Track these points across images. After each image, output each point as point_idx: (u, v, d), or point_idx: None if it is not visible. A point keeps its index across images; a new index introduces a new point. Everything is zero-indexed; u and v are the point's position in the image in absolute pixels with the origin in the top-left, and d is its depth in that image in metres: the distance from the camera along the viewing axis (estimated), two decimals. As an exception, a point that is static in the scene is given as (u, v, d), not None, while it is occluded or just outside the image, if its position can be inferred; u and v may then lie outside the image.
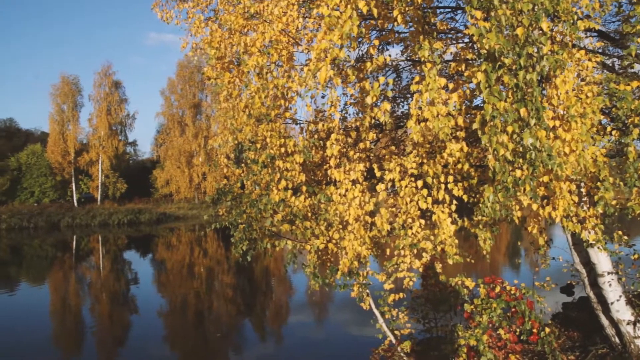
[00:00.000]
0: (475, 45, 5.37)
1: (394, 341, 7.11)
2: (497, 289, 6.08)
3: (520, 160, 4.41)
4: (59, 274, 23.34)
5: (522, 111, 4.17)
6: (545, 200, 5.40)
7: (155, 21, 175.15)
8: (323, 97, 6.00)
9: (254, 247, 6.44)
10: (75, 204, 58.14)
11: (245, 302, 17.18)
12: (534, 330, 5.86)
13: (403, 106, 8.65)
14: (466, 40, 6.56)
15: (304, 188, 5.89)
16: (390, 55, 5.23)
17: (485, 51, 4.00)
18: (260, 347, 12.01)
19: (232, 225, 6.37)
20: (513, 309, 5.98)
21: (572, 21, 4.39)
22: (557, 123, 4.81)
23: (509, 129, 4.23)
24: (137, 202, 59.93)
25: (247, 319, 14.85)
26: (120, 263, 27.01)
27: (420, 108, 4.71)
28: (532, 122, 4.18)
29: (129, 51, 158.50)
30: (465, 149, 5.02)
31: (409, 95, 8.87)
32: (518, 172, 4.53)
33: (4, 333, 12.77)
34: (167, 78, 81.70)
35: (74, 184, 60.11)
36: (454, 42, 6.51)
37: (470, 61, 5.43)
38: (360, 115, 6.77)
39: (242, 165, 6.55)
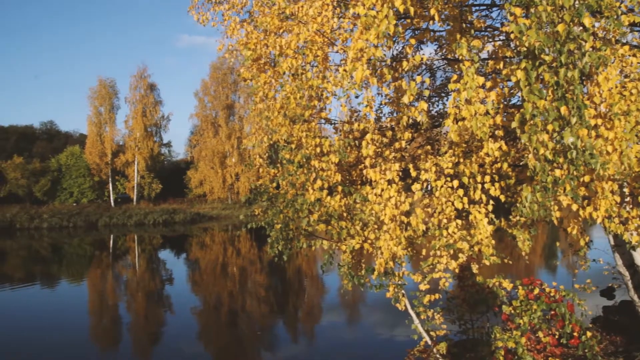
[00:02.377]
0: (513, 43, 5.28)
1: (429, 342, 7.05)
2: (536, 291, 5.96)
3: (561, 160, 4.32)
4: (97, 272, 23.92)
5: (563, 109, 4.08)
6: (586, 201, 5.27)
7: (186, 23, 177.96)
8: (357, 97, 5.99)
9: (290, 247, 6.46)
10: (112, 204, 59.51)
11: (278, 301, 17.28)
12: (575, 334, 5.72)
13: (438, 105, 8.57)
14: (503, 38, 6.46)
15: (340, 188, 5.89)
16: (424, 55, 5.19)
17: (525, 48, 3.93)
18: (293, 346, 12.06)
19: (269, 225, 6.41)
20: (553, 312, 5.85)
21: (615, 16, 4.28)
22: (600, 121, 4.69)
23: (549, 127, 4.14)
24: (172, 203, 60.98)
25: (279, 319, 14.94)
26: (155, 262, 27.51)
27: (457, 107, 4.66)
28: (574, 120, 4.09)
29: (161, 53, 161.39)
30: (504, 148, 4.94)
31: (443, 95, 8.78)
32: (558, 172, 4.43)
33: (45, 328, 13.16)
34: (200, 80, 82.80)
35: (110, 185, 61.54)
36: (491, 39, 6.41)
37: (509, 59, 5.35)
38: (394, 114, 6.73)
39: (278, 165, 6.59)
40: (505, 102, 5.43)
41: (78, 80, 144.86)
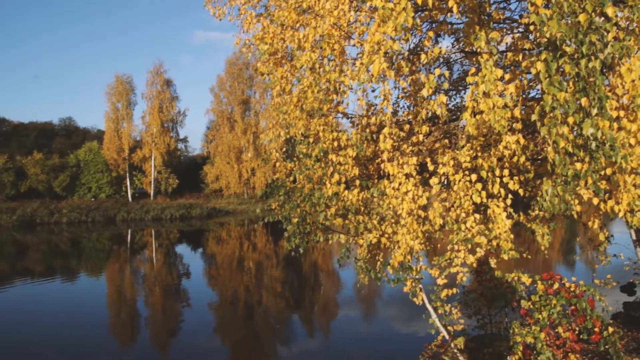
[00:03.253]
0: (532, 35, 5.21)
1: (447, 337, 7.02)
2: (556, 286, 5.89)
3: (581, 153, 4.25)
4: (115, 266, 24.20)
5: (584, 101, 4.02)
6: (607, 194, 5.19)
7: (201, 19, 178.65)
8: (373, 91, 5.96)
9: (307, 241, 6.46)
10: (130, 199, 60.14)
11: (294, 296, 17.33)
12: (596, 330, 5.65)
13: (455, 99, 8.50)
14: (521, 29, 6.37)
15: (357, 182, 5.87)
16: (442, 47, 5.13)
17: (546, 40, 3.87)
18: (309, 341, 12.09)
19: (286, 219, 6.42)
20: (572, 307, 5.78)
21: None
22: (622, 113, 4.60)
23: (570, 120, 4.08)
24: (188, 197, 61.46)
25: (296, 313, 14.98)
26: (172, 256, 27.75)
27: (475, 100, 4.61)
28: (594, 112, 4.01)
29: (176, 49, 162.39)
30: (522, 141, 4.88)
31: (460, 88, 8.71)
32: (578, 165, 4.37)
33: (64, 322, 13.35)
34: (216, 75, 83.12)
35: (128, 180, 62.18)
36: (509, 32, 6.33)
37: (528, 51, 5.28)
38: (411, 108, 6.69)
39: (294, 159, 6.58)
40: (523, 95, 5.35)
41: (95, 77, 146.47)
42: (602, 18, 3.99)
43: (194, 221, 47.84)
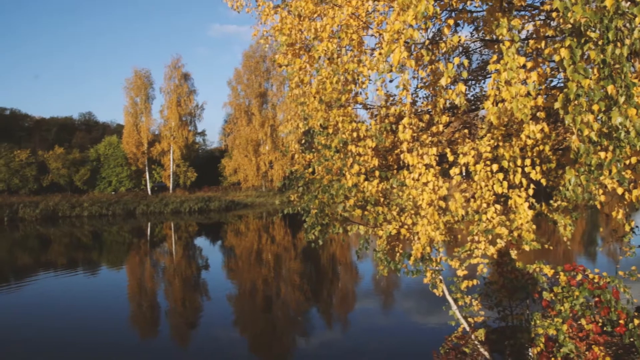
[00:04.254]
0: (555, 21, 5.11)
1: (467, 328, 6.97)
2: (579, 277, 5.81)
3: (606, 142, 4.16)
4: (136, 259, 24.50)
5: (610, 89, 3.92)
6: (632, 184, 5.08)
7: (217, 12, 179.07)
8: (391, 81, 5.90)
9: (326, 232, 6.45)
10: (149, 192, 60.79)
11: (312, 288, 17.37)
12: (621, 322, 5.55)
13: (475, 89, 8.39)
14: (543, 17, 6.25)
15: (377, 173, 5.83)
16: (461, 36, 5.06)
17: (570, 26, 3.79)
18: (327, 333, 12.11)
19: (305, 210, 6.41)
20: (596, 299, 5.69)
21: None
22: (649, 101, 4.49)
23: (595, 107, 3.99)
24: (207, 190, 61.92)
25: (314, 305, 15.01)
26: (191, 249, 28.00)
27: (497, 88, 4.53)
28: (621, 100, 3.92)
29: (193, 43, 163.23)
30: (546, 130, 4.80)
31: (480, 78, 8.59)
32: (602, 154, 4.28)
33: (86, 314, 13.56)
34: (233, 69, 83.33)
35: (147, 173, 62.82)
36: (531, 19, 6.21)
37: (550, 38, 5.17)
38: (430, 98, 6.62)
39: (313, 150, 6.56)
40: (546, 84, 5.25)
41: (114, 72, 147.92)
42: (629, 2, 3.89)
43: (212, 214, 48.17)
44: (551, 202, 6.40)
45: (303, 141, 7.07)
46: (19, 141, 65.22)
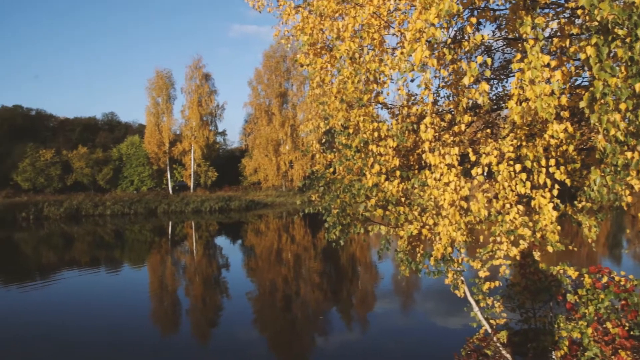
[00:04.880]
0: (581, 19, 5.02)
1: (489, 330, 6.89)
2: (604, 279, 5.70)
3: (633, 142, 4.08)
4: (157, 258, 24.76)
5: (638, 87, 3.84)
6: (660, 185, 4.97)
7: (237, 13, 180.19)
8: (412, 81, 5.86)
9: (347, 232, 6.44)
10: (170, 191, 61.40)
11: (331, 288, 17.37)
12: (648, 325, 5.44)
13: (497, 88, 8.30)
14: (567, 14, 6.15)
15: (398, 173, 5.80)
16: (485, 34, 5.00)
17: (597, 23, 3.72)
18: (346, 333, 12.10)
19: (326, 210, 6.40)
20: (623, 302, 5.58)
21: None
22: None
23: (622, 106, 3.91)
24: (227, 190, 62.32)
25: (333, 305, 15.01)
26: (212, 248, 28.20)
27: (521, 87, 4.47)
28: (650, 98, 3.84)
29: (214, 43, 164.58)
30: (570, 129, 4.72)
31: (502, 77, 8.49)
32: (629, 154, 4.19)
33: (109, 311, 13.75)
34: (254, 69, 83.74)
35: (168, 173, 63.47)
36: (555, 16, 6.12)
37: (575, 36, 5.09)
38: (452, 98, 6.56)
39: (334, 150, 6.55)
40: (570, 82, 5.16)
41: (136, 72, 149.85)
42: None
43: (232, 213, 48.47)
44: (575, 202, 6.30)
45: (324, 141, 7.06)
46: (44, 141, 66.42)
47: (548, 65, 4.52)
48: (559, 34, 5.45)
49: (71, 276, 19.47)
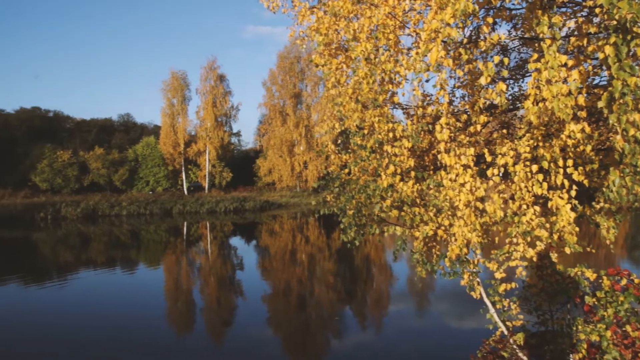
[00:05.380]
0: (599, 17, 4.96)
1: (505, 332, 6.84)
2: (623, 282, 5.62)
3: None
4: (172, 258, 24.91)
5: (657, 86, 3.79)
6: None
7: (251, 14, 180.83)
8: (427, 81, 5.83)
9: (362, 233, 6.43)
10: (185, 192, 61.79)
11: (345, 289, 17.35)
12: (669, 329, 5.35)
13: (513, 88, 8.24)
14: (585, 13, 6.08)
15: (413, 173, 5.78)
16: (502, 34, 4.96)
17: (615, 22, 3.67)
18: (361, 334, 12.07)
19: (341, 210, 6.40)
20: (642, 304, 5.50)
21: None
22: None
23: (641, 106, 3.86)
24: (242, 191, 62.56)
25: (347, 306, 14.99)
26: (226, 248, 28.32)
27: (538, 87, 4.43)
28: (670, 98, 3.78)
29: (228, 44, 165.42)
30: (588, 129, 4.66)
31: (518, 77, 8.43)
32: (649, 154, 4.13)
33: (125, 311, 13.87)
34: (268, 69, 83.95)
35: (183, 174, 63.88)
36: (572, 15, 6.06)
37: (593, 35, 5.03)
38: (467, 98, 6.52)
39: (349, 151, 6.55)
40: (588, 82, 5.10)
41: (151, 73, 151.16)
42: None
43: (247, 214, 48.62)
44: (593, 203, 6.22)
45: (339, 141, 7.06)
46: (62, 142, 67.25)
47: (565, 64, 4.48)
48: (576, 33, 5.39)
49: (87, 276, 19.67)
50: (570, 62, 4.59)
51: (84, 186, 61.90)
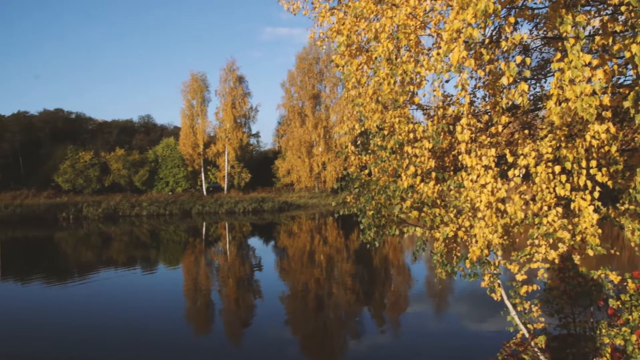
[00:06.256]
0: (624, 15, 4.88)
1: (527, 335, 6.75)
2: (649, 285, 5.51)
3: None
4: (191, 258, 25.12)
5: (685, 86, 3.72)
6: None
7: (269, 16, 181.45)
8: (447, 81, 5.80)
9: (382, 234, 6.41)
10: (205, 192, 62.21)
11: (363, 290, 17.31)
12: (696, 333, 5.23)
13: (535, 88, 8.14)
14: (609, 11, 5.99)
15: (433, 174, 5.75)
16: (524, 34, 4.90)
17: (642, 20, 3.61)
18: (379, 335, 12.04)
19: (361, 211, 6.39)
20: (668, 308, 5.38)
21: None
22: None
23: (668, 106, 3.79)
24: (260, 191, 62.83)
25: (365, 307, 14.96)
26: (245, 249, 28.45)
27: (561, 87, 4.37)
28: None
29: (247, 46, 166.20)
30: (613, 130, 4.59)
31: (540, 77, 8.33)
32: (676, 155, 4.06)
33: (144, 310, 14.03)
34: (286, 71, 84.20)
35: (203, 174, 64.32)
36: (597, 14, 5.97)
37: (619, 34, 4.94)
38: (487, 99, 6.46)
39: (369, 152, 6.53)
40: (613, 82, 5.02)
41: (171, 75, 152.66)
42: None
43: (266, 214, 48.81)
44: (618, 205, 6.11)
45: (358, 142, 7.05)
46: (84, 143, 68.28)
47: (589, 64, 4.41)
48: (600, 31, 5.31)
49: (108, 275, 19.93)
50: (595, 62, 4.52)
51: (105, 186, 62.73)
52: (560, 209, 5.64)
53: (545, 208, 5.61)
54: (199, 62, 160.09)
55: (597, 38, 4.91)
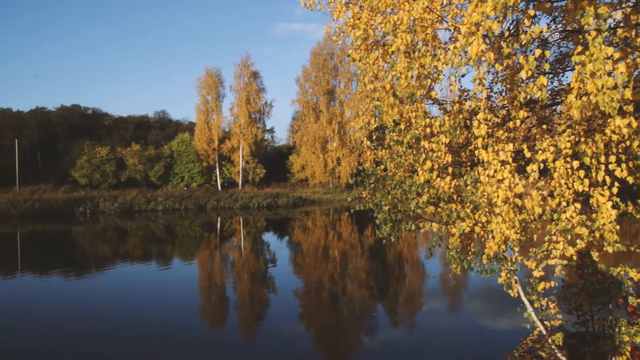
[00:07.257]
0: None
1: (544, 332, 6.68)
2: (669, 282, 5.42)
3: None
4: (206, 253, 25.27)
5: None
6: None
7: (283, 11, 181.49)
8: (463, 76, 5.73)
9: (398, 229, 6.38)
10: (219, 188, 62.57)
11: (378, 285, 17.28)
12: None
13: (553, 82, 8.03)
14: (631, 3, 5.88)
15: (450, 169, 5.70)
16: (543, 27, 4.83)
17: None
18: (392, 331, 12.00)
19: (377, 206, 6.36)
20: (690, 306, 5.29)
21: None
22: None
23: (692, 100, 3.70)
24: (275, 187, 63.02)
25: (379, 303, 14.92)
26: (259, 244, 28.55)
27: (582, 81, 4.30)
28: None
29: (261, 42, 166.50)
30: (635, 124, 4.50)
31: (559, 70, 8.22)
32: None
33: (159, 305, 14.13)
34: (301, 66, 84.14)
35: (217, 170, 64.67)
36: (618, 6, 5.86)
37: (641, 26, 4.84)
38: (505, 93, 6.38)
39: (385, 147, 6.49)
40: (635, 75, 4.93)
41: (186, 71, 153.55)
42: None
43: (280, 210, 48.93)
44: (638, 201, 6.01)
45: (374, 137, 7.00)
46: (100, 138, 69.03)
47: (611, 57, 4.33)
48: (622, 24, 5.22)
49: (124, 270, 20.13)
50: (617, 55, 4.44)
51: (121, 181, 63.37)
52: (578, 205, 5.56)
53: (564, 204, 5.54)
54: (213, 58, 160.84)
55: (619, 31, 4.82)
